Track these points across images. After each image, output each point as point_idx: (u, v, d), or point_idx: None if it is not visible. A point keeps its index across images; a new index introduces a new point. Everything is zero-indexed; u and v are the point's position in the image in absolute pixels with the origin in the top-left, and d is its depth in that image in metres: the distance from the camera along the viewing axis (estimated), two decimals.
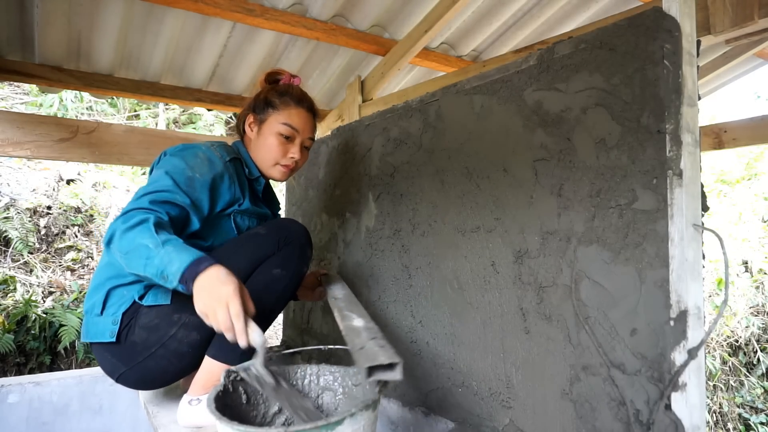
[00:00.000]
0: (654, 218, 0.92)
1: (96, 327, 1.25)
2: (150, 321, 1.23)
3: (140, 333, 1.23)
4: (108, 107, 5.64)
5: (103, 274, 1.28)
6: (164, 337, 1.23)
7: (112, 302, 1.25)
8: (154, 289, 1.25)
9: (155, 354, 1.24)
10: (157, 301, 1.24)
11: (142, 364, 1.25)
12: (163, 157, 1.33)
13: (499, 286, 1.24)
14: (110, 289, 1.26)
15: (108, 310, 1.25)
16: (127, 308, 1.24)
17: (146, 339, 1.23)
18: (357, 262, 1.79)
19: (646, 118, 0.94)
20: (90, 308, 1.27)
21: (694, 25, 0.92)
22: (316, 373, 1.13)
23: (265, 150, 1.43)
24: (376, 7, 2.44)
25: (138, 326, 1.23)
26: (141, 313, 1.24)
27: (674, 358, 0.87)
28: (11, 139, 2.16)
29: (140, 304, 1.24)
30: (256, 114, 1.45)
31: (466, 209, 1.34)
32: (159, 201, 1.16)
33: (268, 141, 1.42)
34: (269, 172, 1.47)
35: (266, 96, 1.45)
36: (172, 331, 1.23)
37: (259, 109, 1.45)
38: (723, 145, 3.14)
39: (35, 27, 2.11)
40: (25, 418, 1.86)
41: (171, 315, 1.23)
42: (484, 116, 1.30)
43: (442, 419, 1.35)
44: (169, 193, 1.19)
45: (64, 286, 3.92)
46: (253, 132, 1.46)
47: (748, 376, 4.66)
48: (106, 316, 1.24)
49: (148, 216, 1.09)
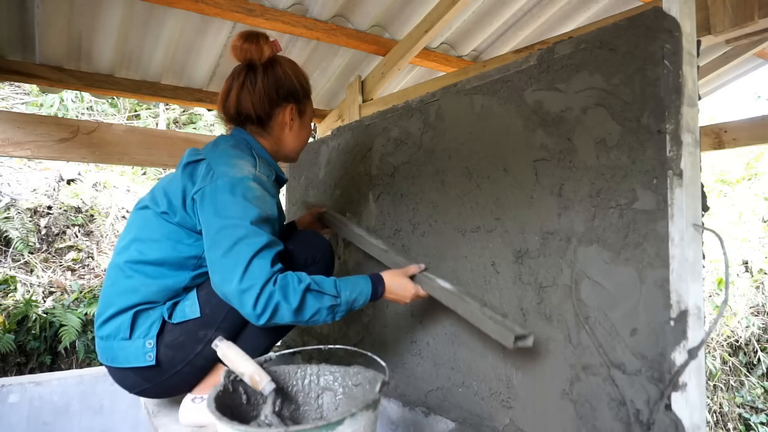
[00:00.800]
0: (654, 218, 0.92)
1: (125, 351, 1.19)
2: (175, 339, 1.20)
3: (166, 352, 1.19)
4: (108, 107, 5.65)
5: (126, 300, 1.20)
6: (190, 355, 1.21)
7: (140, 324, 1.19)
8: (181, 305, 1.22)
9: (181, 371, 1.22)
10: (185, 316, 1.20)
11: (167, 381, 1.23)
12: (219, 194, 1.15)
13: (499, 286, 1.24)
14: (137, 313, 1.20)
15: (137, 332, 1.19)
16: (159, 329, 1.20)
17: (172, 358, 1.20)
18: (357, 262, 1.80)
19: (647, 118, 0.94)
20: (113, 333, 1.20)
21: (694, 25, 0.92)
22: (316, 373, 1.13)
23: (301, 140, 1.40)
24: (377, 7, 2.44)
25: (163, 345, 1.19)
26: (165, 331, 1.20)
27: (674, 358, 0.87)
28: (12, 139, 2.16)
29: (167, 322, 1.20)
30: (297, 105, 1.36)
31: (466, 209, 1.34)
32: (275, 255, 1.12)
33: (305, 132, 1.39)
34: (290, 158, 1.44)
35: (302, 85, 1.37)
36: (198, 349, 1.21)
37: (300, 100, 1.37)
38: (723, 145, 3.14)
39: (36, 27, 2.11)
40: (25, 417, 1.86)
41: (196, 332, 1.20)
42: (484, 116, 1.30)
43: (442, 419, 1.35)
44: (271, 245, 1.13)
45: (65, 286, 3.92)
46: (293, 123, 1.37)
47: (748, 376, 4.66)
48: (135, 339, 1.19)
49: (295, 285, 1.08)
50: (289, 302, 1.07)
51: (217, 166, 1.19)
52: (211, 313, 1.21)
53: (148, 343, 1.18)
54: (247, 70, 1.31)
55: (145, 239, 1.23)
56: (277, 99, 1.32)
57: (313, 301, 1.10)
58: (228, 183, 1.14)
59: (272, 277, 1.07)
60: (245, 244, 1.08)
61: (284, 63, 1.35)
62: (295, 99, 1.35)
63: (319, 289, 1.11)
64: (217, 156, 1.23)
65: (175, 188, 1.23)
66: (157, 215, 1.24)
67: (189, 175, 1.22)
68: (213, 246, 1.12)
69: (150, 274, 1.20)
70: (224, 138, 1.33)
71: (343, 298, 1.14)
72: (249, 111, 1.32)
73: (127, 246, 1.25)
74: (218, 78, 2.69)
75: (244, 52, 1.29)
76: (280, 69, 1.32)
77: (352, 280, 1.19)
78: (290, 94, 1.34)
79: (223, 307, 1.20)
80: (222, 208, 1.13)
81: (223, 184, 1.14)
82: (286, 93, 1.33)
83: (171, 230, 1.22)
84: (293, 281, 1.09)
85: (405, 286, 1.26)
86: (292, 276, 1.10)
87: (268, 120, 1.34)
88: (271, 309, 1.06)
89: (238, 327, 1.25)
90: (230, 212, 1.12)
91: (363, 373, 1.09)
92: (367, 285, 1.20)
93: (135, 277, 1.20)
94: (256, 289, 1.05)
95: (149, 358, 1.18)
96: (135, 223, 1.28)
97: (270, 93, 1.31)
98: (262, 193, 1.18)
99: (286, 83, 1.33)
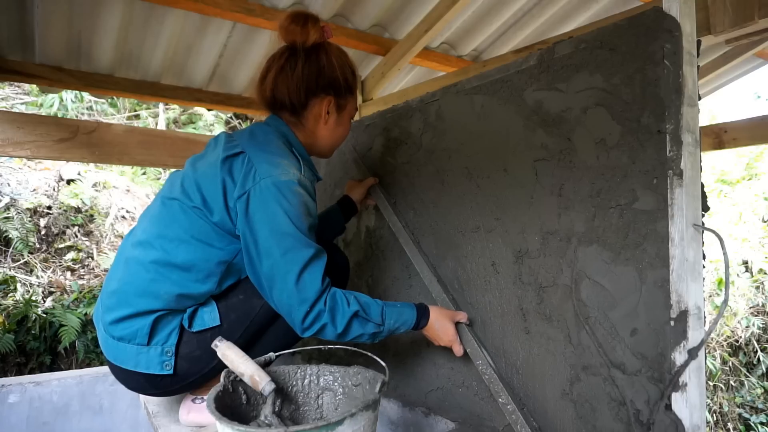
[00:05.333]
0: (654, 218, 0.92)
1: (140, 357, 1.13)
2: (191, 351, 1.15)
3: (181, 363, 1.15)
4: (108, 107, 5.65)
5: (147, 303, 1.12)
6: (204, 369, 1.18)
7: (160, 331, 1.13)
8: (200, 312, 1.17)
9: (192, 382, 1.20)
10: (204, 324, 1.16)
11: (177, 389, 1.21)
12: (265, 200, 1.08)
13: (499, 286, 1.24)
14: (157, 319, 1.13)
15: (155, 339, 1.13)
16: (178, 338, 1.15)
17: (187, 370, 1.16)
18: (357, 262, 1.79)
19: (647, 118, 0.94)
20: (129, 336, 1.12)
21: (694, 25, 0.92)
22: (316, 373, 1.13)
23: (338, 137, 1.32)
24: (377, 7, 2.44)
25: (179, 356, 1.15)
26: (183, 341, 1.15)
27: (674, 358, 0.87)
28: (11, 139, 2.16)
29: (185, 330, 1.16)
30: (337, 98, 1.26)
31: (466, 209, 1.34)
32: (324, 266, 1.10)
33: (342, 129, 1.31)
34: (324, 155, 1.36)
35: (346, 78, 1.26)
36: (213, 363, 1.15)
37: (341, 93, 1.26)
38: (723, 145, 3.14)
39: (35, 27, 2.11)
40: (25, 418, 1.86)
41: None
42: (484, 116, 1.30)
43: (442, 419, 1.35)
44: (319, 255, 1.10)
45: (65, 286, 3.92)
46: (330, 117, 1.27)
47: (748, 376, 4.66)
48: (154, 346, 1.13)
49: (344, 309, 1.07)
50: (335, 326, 1.06)
51: (259, 164, 1.10)
52: (229, 328, 1.18)
53: (167, 351, 1.13)
54: (289, 53, 1.22)
55: (173, 237, 1.13)
56: (316, 89, 1.22)
57: (358, 327, 1.09)
58: (273, 186, 1.07)
59: (323, 294, 1.06)
60: (294, 256, 1.05)
61: (332, 51, 1.24)
62: (336, 91, 1.25)
63: (365, 316, 1.10)
64: (258, 151, 1.14)
65: (212, 184, 1.13)
66: (187, 210, 1.14)
67: (228, 171, 1.12)
68: (258, 258, 1.08)
69: (176, 281, 1.12)
70: (261, 127, 1.23)
71: (386, 326, 1.13)
72: (284, 97, 1.23)
73: (151, 242, 1.14)
74: (218, 78, 2.69)
75: (289, 33, 1.20)
76: (325, 57, 1.22)
77: (398, 309, 1.16)
78: (330, 85, 1.23)
79: (242, 323, 1.19)
80: (269, 215, 1.07)
81: (267, 187, 1.07)
82: (326, 83, 1.23)
83: (203, 230, 1.13)
84: (343, 305, 1.07)
85: (447, 331, 1.23)
86: (341, 298, 1.08)
87: (302, 110, 1.24)
88: (318, 327, 1.06)
89: (255, 342, 1.24)
90: (278, 220, 1.06)
91: (363, 373, 1.09)
92: (411, 316, 1.18)
93: (159, 282, 1.12)
94: (307, 306, 1.04)
95: (167, 367, 1.13)
96: (161, 216, 1.17)
97: (309, 81, 1.21)
98: (307, 199, 1.12)
99: (328, 73, 1.22)
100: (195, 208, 1.13)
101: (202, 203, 1.13)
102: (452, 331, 1.24)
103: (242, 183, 1.10)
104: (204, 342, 1.15)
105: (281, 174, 1.09)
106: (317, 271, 1.07)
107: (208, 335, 1.15)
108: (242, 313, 1.19)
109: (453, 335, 1.24)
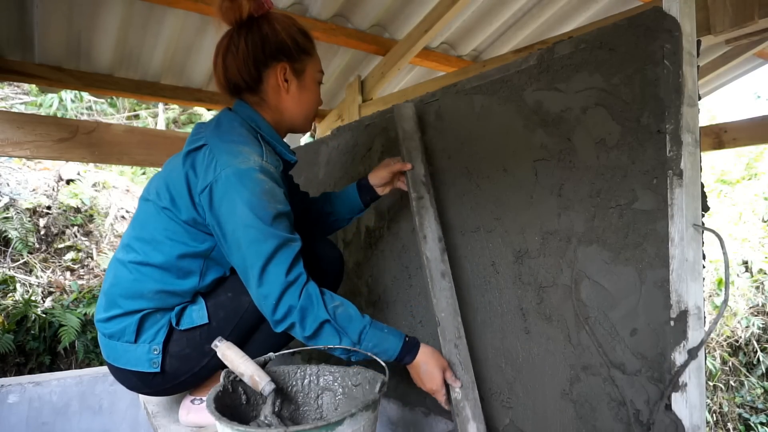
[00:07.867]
0: (654, 218, 0.92)
1: (130, 354, 1.14)
2: (181, 350, 1.15)
3: (171, 362, 1.15)
4: (108, 107, 5.65)
5: (131, 304, 1.14)
6: (195, 368, 1.18)
7: (147, 329, 1.14)
8: (188, 310, 1.17)
9: (184, 381, 1.20)
10: (193, 322, 1.16)
11: (169, 389, 1.21)
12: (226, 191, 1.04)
13: (499, 286, 1.24)
14: (144, 316, 1.14)
15: (142, 337, 1.14)
16: (165, 336, 1.15)
17: (177, 368, 1.16)
18: (357, 262, 1.79)
19: (646, 118, 0.94)
20: (118, 333, 1.14)
21: (694, 25, 0.92)
22: (316, 373, 1.13)
23: (306, 105, 1.23)
24: (376, 6, 2.44)
25: (168, 354, 1.15)
26: (172, 339, 1.15)
27: (674, 358, 0.87)
28: (11, 139, 2.16)
29: (174, 329, 1.16)
30: (291, 63, 1.17)
31: (466, 209, 1.34)
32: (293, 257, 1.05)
33: (308, 94, 1.22)
34: (298, 127, 1.26)
35: (295, 40, 1.17)
36: (204, 362, 1.17)
37: (294, 57, 1.18)
38: (723, 145, 3.15)
39: (35, 27, 2.11)
40: (25, 418, 1.86)
41: (203, 345, 1.15)
42: (484, 116, 1.30)
43: (442, 419, 1.35)
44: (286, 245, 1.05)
45: (64, 286, 3.92)
46: (290, 85, 1.19)
47: (748, 376, 4.66)
48: (141, 344, 1.14)
49: (316, 311, 1.02)
50: (303, 327, 1.02)
51: (220, 155, 1.07)
52: (218, 326, 1.17)
53: (154, 349, 1.14)
54: (231, 33, 1.17)
55: (149, 239, 1.14)
56: (265, 59, 1.15)
57: (329, 336, 1.04)
58: (233, 176, 1.03)
59: (289, 287, 1.01)
60: (258, 248, 1.02)
61: (274, 18, 1.17)
62: (287, 56, 1.16)
63: (339, 328, 1.03)
64: (219, 141, 1.10)
65: (177, 181, 1.11)
66: (159, 211, 1.14)
67: (191, 166, 1.10)
68: (229, 251, 1.07)
69: (158, 279, 1.13)
70: (227, 115, 1.19)
71: (362, 347, 1.06)
72: (236, 78, 1.16)
73: (131, 244, 1.17)
74: None
75: (225, 13, 1.14)
76: (267, 25, 1.15)
77: (383, 335, 1.07)
78: (280, 50, 1.15)
79: (230, 322, 1.18)
80: (231, 207, 1.03)
81: (227, 177, 1.03)
82: (273, 50, 1.15)
83: (174, 230, 1.13)
84: (318, 307, 1.02)
85: (432, 378, 1.11)
86: (318, 299, 1.02)
87: (259, 84, 1.17)
88: (287, 324, 1.03)
89: (246, 340, 1.23)
90: (240, 212, 1.02)
91: (363, 373, 1.09)
92: (395, 348, 1.08)
93: (142, 281, 1.13)
94: (272, 299, 1.01)
95: (154, 364, 1.14)
96: (139, 217, 1.19)
97: (255, 53, 1.14)
98: (271, 186, 1.06)
99: (273, 39, 1.14)
100: (165, 209, 1.13)
101: (171, 203, 1.12)
102: (439, 380, 1.11)
103: (204, 176, 1.07)
104: (193, 340, 1.16)
105: (241, 162, 1.05)
106: (283, 263, 1.02)
107: (197, 333, 1.16)
108: (231, 310, 1.18)
109: (438, 385, 1.12)
